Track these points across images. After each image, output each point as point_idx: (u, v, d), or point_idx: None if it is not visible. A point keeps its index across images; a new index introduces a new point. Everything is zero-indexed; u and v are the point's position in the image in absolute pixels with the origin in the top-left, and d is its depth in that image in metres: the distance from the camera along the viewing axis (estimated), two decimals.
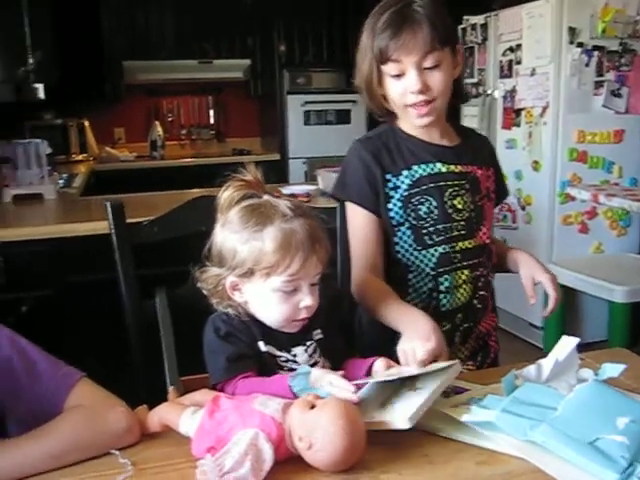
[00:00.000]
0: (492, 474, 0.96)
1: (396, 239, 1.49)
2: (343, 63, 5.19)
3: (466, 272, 1.50)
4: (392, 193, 1.48)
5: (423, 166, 1.49)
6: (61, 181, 3.61)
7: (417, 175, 1.48)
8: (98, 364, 1.17)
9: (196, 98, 5.67)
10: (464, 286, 1.50)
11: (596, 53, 3.60)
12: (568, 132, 3.66)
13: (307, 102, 5.18)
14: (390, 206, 1.48)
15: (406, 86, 1.41)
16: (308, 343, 1.22)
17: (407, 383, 1.12)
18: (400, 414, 1.01)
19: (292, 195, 2.75)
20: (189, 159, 5.30)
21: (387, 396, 1.10)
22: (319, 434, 0.94)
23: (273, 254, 1.13)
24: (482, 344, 1.56)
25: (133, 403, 1.12)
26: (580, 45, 3.57)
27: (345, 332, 1.33)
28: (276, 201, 1.19)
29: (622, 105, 3.69)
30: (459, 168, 1.51)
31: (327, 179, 3.00)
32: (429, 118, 1.45)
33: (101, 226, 1.66)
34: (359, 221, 1.49)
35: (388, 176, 1.48)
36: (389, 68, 1.41)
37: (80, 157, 5.03)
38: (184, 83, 5.47)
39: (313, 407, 0.97)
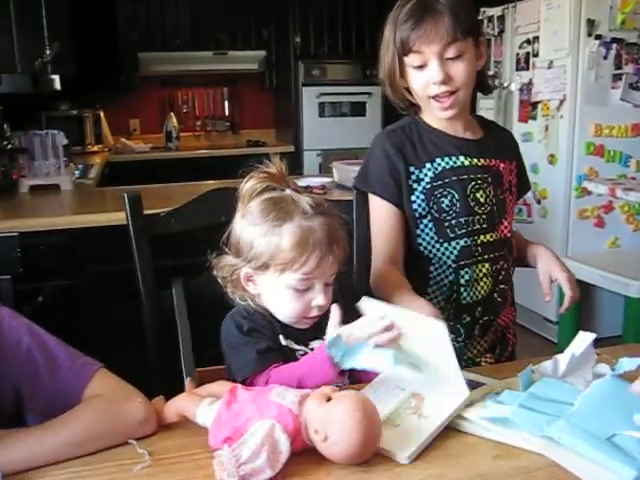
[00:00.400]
0: (509, 468, 0.96)
1: (418, 231, 1.50)
2: (358, 55, 5.18)
3: (487, 265, 1.50)
4: (415, 185, 1.48)
5: (446, 159, 1.49)
6: (77, 172, 3.63)
7: (440, 168, 1.48)
8: (114, 355, 1.17)
9: (211, 89, 5.68)
10: (484, 279, 1.50)
11: (615, 45, 3.56)
12: (585, 125, 3.63)
13: (322, 94, 5.17)
14: (413, 198, 1.48)
15: (428, 77, 1.40)
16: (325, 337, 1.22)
17: (413, 403, 1.08)
18: (400, 448, 0.98)
19: (307, 187, 2.75)
20: (204, 150, 5.31)
21: (392, 410, 1.07)
22: (335, 427, 0.93)
23: (290, 251, 1.14)
24: (500, 337, 1.56)
25: (150, 394, 1.12)
26: (598, 37, 3.54)
27: None
28: (298, 196, 1.19)
29: None
30: (482, 161, 1.51)
31: (342, 171, 3.00)
32: (452, 111, 1.45)
33: (118, 217, 1.67)
34: (381, 213, 1.50)
35: (411, 168, 1.48)
36: (411, 59, 1.41)
37: (95, 148, 5.06)
38: (199, 75, 5.48)
39: (329, 399, 0.97)
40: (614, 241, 3.78)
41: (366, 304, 1.15)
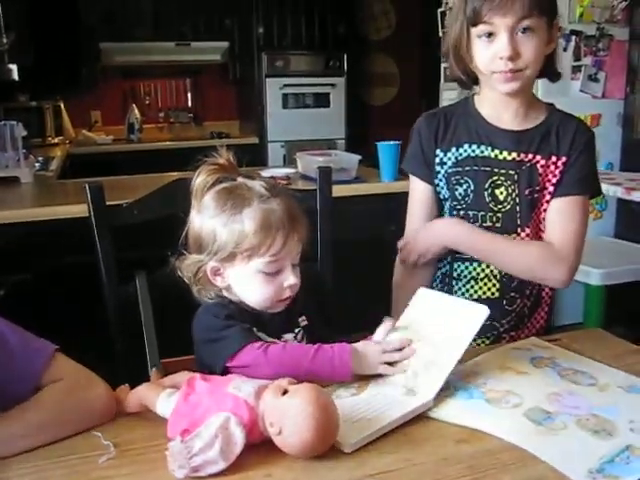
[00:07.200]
0: (473, 451, 0.97)
1: (443, 211, 1.53)
2: (322, 46, 5.17)
3: (492, 267, 1.47)
4: (439, 168, 1.51)
5: (474, 147, 1.46)
6: (37, 164, 3.56)
7: (464, 154, 1.47)
8: (79, 348, 1.16)
9: (174, 81, 5.61)
10: (485, 280, 1.48)
11: (574, 38, 3.62)
12: None
13: (285, 85, 5.15)
14: (437, 181, 1.51)
15: (496, 51, 1.34)
16: (296, 330, 1.22)
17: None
18: (348, 438, 0.98)
19: (271, 177, 2.75)
20: (167, 142, 5.25)
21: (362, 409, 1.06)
22: (288, 421, 0.93)
23: (255, 235, 1.13)
24: None
25: (115, 385, 1.12)
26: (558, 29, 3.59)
27: (326, 315, 1.33)
28: (251, 182, 1.19)
29: (599, 90, 3.71)
30: (513, 155, 1.44)
31: (306, 162, 3.00)
32: (515, 84, 1.37)
33: (80, 209, 1.64)
34: (416, 193, 1.56)
35: (437, 151, 1.50)
36: (480, 30, 1.35)
37: (56, 140, 4.95)
38: (162, 66, 5.40)
39: (286, 392, 0.96)
40: None
41: (422, 293, 1.24)
